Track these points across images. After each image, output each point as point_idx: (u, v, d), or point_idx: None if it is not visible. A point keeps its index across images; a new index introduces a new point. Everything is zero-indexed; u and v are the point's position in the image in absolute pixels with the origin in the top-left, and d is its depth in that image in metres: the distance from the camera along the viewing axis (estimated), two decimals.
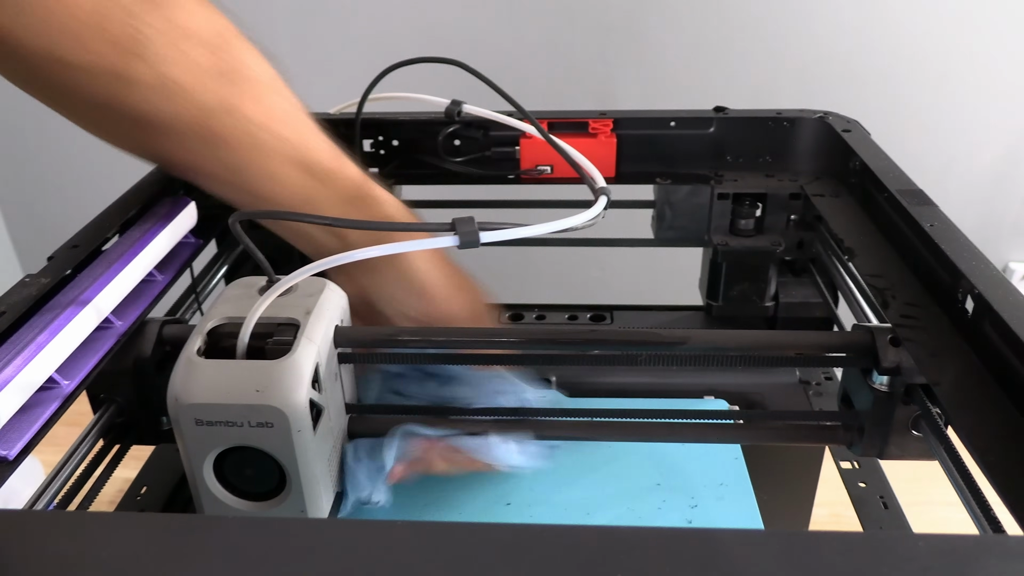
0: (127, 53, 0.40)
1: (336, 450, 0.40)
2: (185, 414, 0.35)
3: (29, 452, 0.33)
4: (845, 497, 0.49)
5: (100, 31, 0.39)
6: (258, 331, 0.36)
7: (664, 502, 0.44)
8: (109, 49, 0.39)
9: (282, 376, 0.35)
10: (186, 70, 0.41)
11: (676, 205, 0.58)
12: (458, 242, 0.34)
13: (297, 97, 0.45)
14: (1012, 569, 0.20)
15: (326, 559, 0.20)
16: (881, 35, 1.05)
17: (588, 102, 1.11)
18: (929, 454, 0.38)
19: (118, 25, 0.39)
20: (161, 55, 0.40)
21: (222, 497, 0.38)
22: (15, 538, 0.21)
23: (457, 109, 0.54)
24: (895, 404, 0.38)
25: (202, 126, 0.42)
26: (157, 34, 0.40)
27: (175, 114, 0.41)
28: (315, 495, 0.37)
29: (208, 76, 0.41)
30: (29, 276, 0.40)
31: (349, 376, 0.42)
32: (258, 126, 0.43)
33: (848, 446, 0.41)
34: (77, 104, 0.42)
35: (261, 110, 0.43)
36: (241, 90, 0.42)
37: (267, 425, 0.35)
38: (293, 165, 0.44)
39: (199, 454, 0.37)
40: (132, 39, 0.39)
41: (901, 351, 0.37)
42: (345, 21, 1.08)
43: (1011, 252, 1.20)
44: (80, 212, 0.46)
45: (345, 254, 0.35)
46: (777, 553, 0.20)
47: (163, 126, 0.42)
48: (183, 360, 0.36)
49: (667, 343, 0.38)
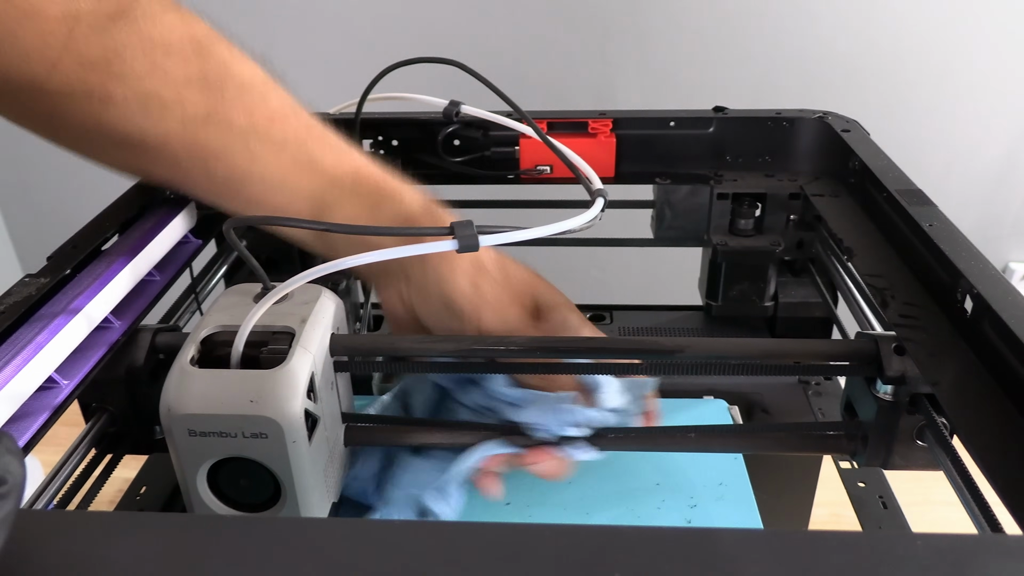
0: (102, 72, 0.38)
1: (332, 460, 0.39)
2: (178, 424, 0.35)
3: (29, 451, 0.33)
4: (845, 497, 0.49)
5: (72, 53, 0.37)
6: (253, 340, 0.36)
7: (664, 502, 0.44)
8: (83, 70, 0.38)
9: (276, 386, 0.34)
10: (164, 83, 0.39)
11: (676, 205, 0.58)
12: (457, 246, 0.34)
13: (291, 94, 0.44)
14: (1012, 569, 0.20)
15: (326, 559, 0.20)
16: (881, 35, 1.05)
17: (588, 102, 1.11)
18: (934, 464, 0.37)
19: (88, 45, 0.37)
20: (137, 71, 0.38)
21: (216, 508, 0.37)
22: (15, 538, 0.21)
23: (455, 109, 0.54)
24: (899, 413, 0.38)
25: (189, 140, 0.40)
26: (129, 49, 0.38)
27: (158, 130, 0.40)
28: (311, 506, 0.37)
29: (189, 87, 0.40)
30: (29, 276, 0.40)
31: (345, 385, 0.41)
32: (249, 133, 0.41)
33: (852, 455, 0.41)
34: (59, 129, 0.40)
35: (251, 116, 0.41)
36: (226, 97, 0.41)
37: (262, 436, 0.34)
38: (295, 168, 0.42)
39: (192, 465, 0.36)
40: (104, 58, 0.38)
41: (906, 360, 0.37)
42: (344, 21, 1.08)
43: (1011, 252, 1.20)
44: (80, 212, 0.46)
45: (337, 261, 0.34)
46: (777, 553, 0.20)
47: (147, 144, 0.40)
48: (176, 369, 0.36)
49: (668, 351, 0.38)
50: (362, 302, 0.60)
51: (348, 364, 0.40)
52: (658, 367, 0.38)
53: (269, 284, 0.37)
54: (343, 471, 0.41)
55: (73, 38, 0.37)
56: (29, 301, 0.37)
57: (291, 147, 0.42)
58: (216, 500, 0.37)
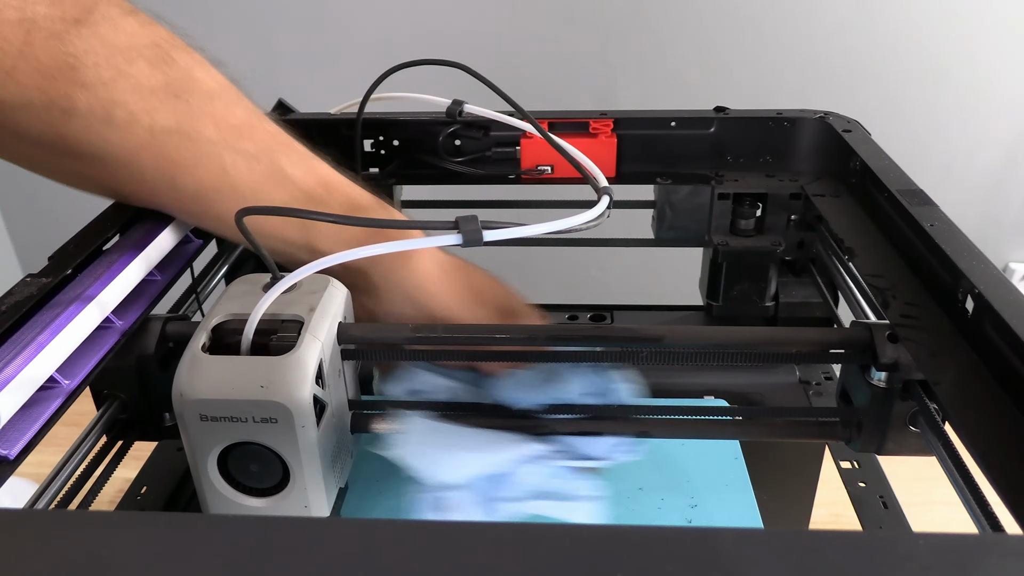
0: (63, 81, 0.36)
1: (339, 446, 0.40)
2: (190, 410, 0.36)
3: (30, 451, 0.33)
4: (845, 497, 0.49)
5: (28, 60, 0.35)
6: (262, 328, 0.37)
7: (664, 502, 0.44)
8: (42, 79, 0.35)
9: (286, 372, 0.35)
10: (129, 90, 0.37)
11: (676, 205, 0.58)
12: (461, 240, 0.34)
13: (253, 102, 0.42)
14: (1012, 568, 0.19)
15: (326, 558, 0.20)
16: (882, 35, 1.05)
17: (588, 102, 1.11)
18: (927, 450, 0.38)
19: (47, 52, 0.35)
20: (100, 77, 0.36)
21: (226, 492, 0.38)
22: (15, 538, 0.21)
23: (458, 109, 0.54)
24: (893, 400, 0.38)
25: (156, 152, 0.38)
26: (91, 55, 0.36)
27: (125, 142, 0.38)
28: (318, 491, 0.37)
29: (154, 95, 0.37)
30: (30, 276, 0.40)
31: (352, 373, 0.42)
32: (219, 144, 0.39)
33: (846, 442, 0.41)
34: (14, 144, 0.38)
35: (219, 126, 0.39)
36: (192, 106, 0.38)
37: (271, 421, 0.35)
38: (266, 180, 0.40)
39: (203, 450, 0.37)
40: (65, 64, 0.35)
41: (899, 347, 0.37)
42: (347, 22, 1.08)
43: (1011, 252, 1.20)
44: (80, 212, 0.46)
45: (345, 252, 0.34)
46: (777, 553, 0.20)
47: (111, 157, 0.38)
48: (188, 356, 0.36)
49: (667, 340, 0.38)
50: None
51: (355, 352, 0.40)
52: (652, 356, 0.38)
53: (278, 274, 0.38)
54: (350, 457, 0.42)
55: (30, 44, 0.35)
56: (30, 301, 0.37)
57: (262, 159, 0.40)
58: (226, 485, 0.38)
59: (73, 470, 0.38)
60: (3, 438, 0.32)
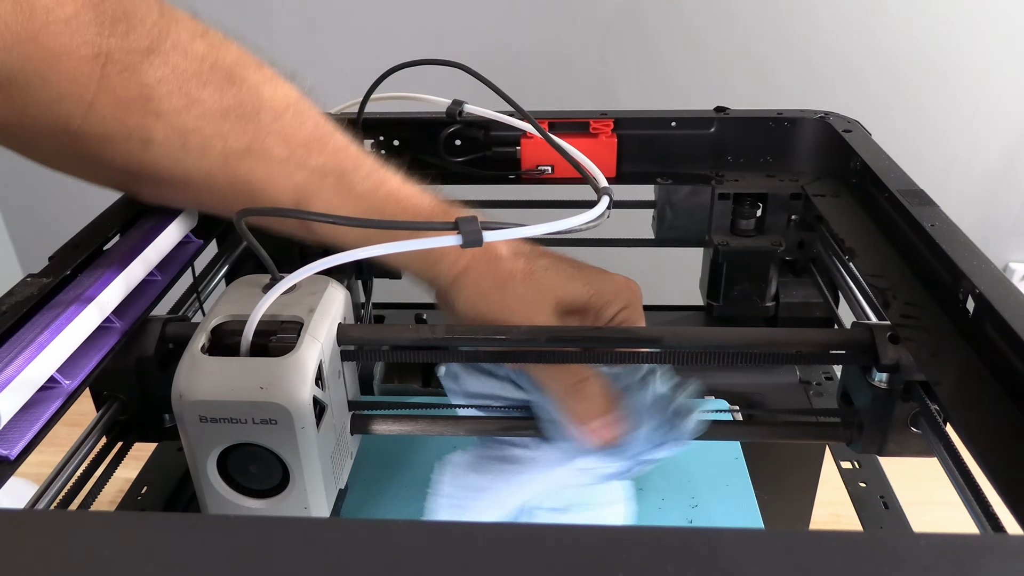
0: (139, 111, 0.37)
1: (339, 447, 0.40)
2: (189, 411, 0.36)
3: (30, 452, 0.33)
4: (845, 497, 0.49)
5: (107, 93, 0.36)
6: (262, 329, 0.37)
7: (664, 501, 0.44)
8: (120, 111, 0.37)
9: (286, 373, 0.35)
10: (202, 117, 0.38)
11: (677, 205, 0.58)
12: (461, 241, 0.34)
13: (318, 109, 0.42)
14: (1013, 568, 0.19)
15: (326, 559, 0.20)
16: (882, 35, 1.05)
17: (588, 102, 1.10)
18: (928, 451, 0.38)
19: (122, 84, 0.36)
20: (174, 106, 0.37)
21: (225, 494, 0.38)
22: (15, 538, 0.21)
23: (459, 109, 0.54)
24: (894, 401, 0.38)
25: (231, 174, 0.39)
26: (164, 84, 0.37)
27: (201, 167, 0.39)
28: (318, 491, 0.37)
29: (226, 119, 0.38)
30: (30, 276, 0.40)
31: (351, 374, 0.42)
32: (289, 163, 0.40)
33: (847, 443, 0.41)
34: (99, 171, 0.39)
35: (288, 144, 0.40)
36: (261, 126, 0.39)
37: (271, 422, 0.35)
38: (336, 196, 0.40)
39: (203, 451, 0.37)
40: (140, 95, 0.37)
41: (900, 348, 0.37)
42: (347, 22, 1.08)
43: (1011, 252, 1.20)
44: (80, 212, 0.46)
45: (344, 254, 0.34)
46: (777, 553, 0.20)
47: (191, 180, 0.39)
48: (187, 357, 0.36)
49: (667, 340, 0.38)
50: (363, 301, 0.60)
51: (355, 353, 0.40)
52: (653, 356, 0.38)
53: (277, 275, 0.38)
54: (350, 459, 0.42)
55: (106, 76, 0.36)
56: (31, 301, 0.37)
57: (331, 175, 0.41)
58: (226, 486, 0.38)
59: (73, 470, 0.38)
60: (3, 438, 0.32)
